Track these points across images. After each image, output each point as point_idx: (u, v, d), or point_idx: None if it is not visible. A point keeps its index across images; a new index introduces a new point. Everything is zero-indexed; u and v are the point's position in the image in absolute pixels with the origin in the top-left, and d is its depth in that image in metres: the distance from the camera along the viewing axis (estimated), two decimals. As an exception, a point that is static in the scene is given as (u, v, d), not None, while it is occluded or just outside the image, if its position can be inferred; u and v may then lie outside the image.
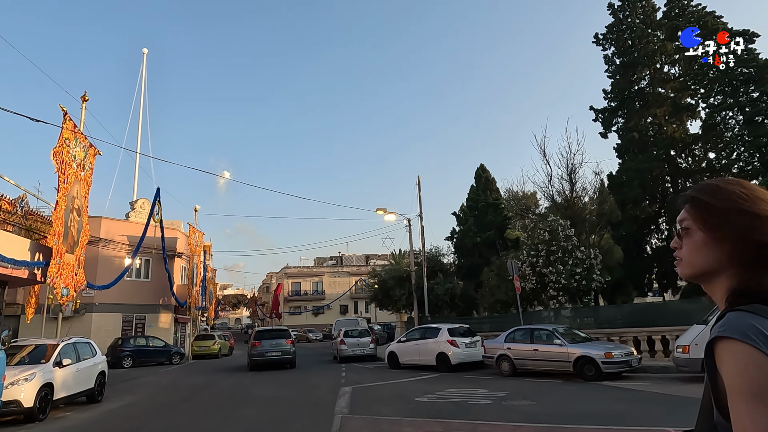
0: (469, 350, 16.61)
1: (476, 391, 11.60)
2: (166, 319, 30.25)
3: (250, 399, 12.21)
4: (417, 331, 18.56)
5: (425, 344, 17.33)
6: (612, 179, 21.85)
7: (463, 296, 23.69)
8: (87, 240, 17.70)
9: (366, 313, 68.90)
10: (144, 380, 17.93)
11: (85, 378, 11.87)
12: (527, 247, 20.38)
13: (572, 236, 19.57)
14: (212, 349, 29.55)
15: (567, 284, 18.54)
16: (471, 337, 17.08)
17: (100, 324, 26.91)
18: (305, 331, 57.50)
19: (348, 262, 74.70)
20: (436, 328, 17.37)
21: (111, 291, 27.70)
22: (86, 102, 15.41)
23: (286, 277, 71.00)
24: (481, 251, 25.66)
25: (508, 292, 20.32)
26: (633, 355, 12.96)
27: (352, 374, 17.11)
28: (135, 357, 24.39)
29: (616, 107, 23.42)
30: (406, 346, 18.16)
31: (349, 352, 22.28)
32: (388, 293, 25.51)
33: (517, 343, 14.56)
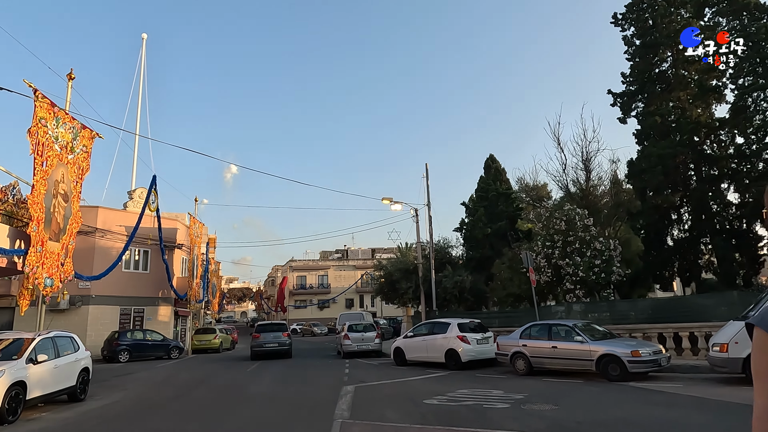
0: (480, 347, 15.56)
1: (491, 393, 10.55)
2: (166, 312, 29.41)
3: (244, 398, 11.25)
4: (425, 326, 17.53)
5: (433, 340, 16.31)
6: (632, 166, 20.62)
7: (472, 290, 22.63)
8: (78, 228, 16.76)
9: (372, 307, 68.04)
10: (137, 375, 17.06)
11: (65, 375, 10.95)
12: (542, 237, 19.25)
13: (591, 226, 18.42)
14: (213, 344, 28.71)
15: (585, 277, 17.41)
16: (482, 332, 16.02)
17: (96, 317, 26.10)
18: (310, 324, 56.75)
19: (354, 256, 73.83)
20: (446, 323, 16.33)
21: (108, 283, 26.89)
22: (72, 80, 14.39)
23: (291, 271, 70.26)
24: (491, 243, 24.54)
25: (521, 285, 19.23)
26: (661, 354, 11.85)
27: (355, 371, 16.13)
28: (132, 351, 23.58)
29: (636, 91, 22.15)
30: (413, 341, 17.14)
31: (354, 347, 21.31)
32: (394, 286, 24.47)
33: (533, 340, 13.49)
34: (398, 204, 23.61)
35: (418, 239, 23.80)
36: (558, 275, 18.48)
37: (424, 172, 23.44)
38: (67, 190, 15.03)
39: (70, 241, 16.01)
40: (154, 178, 22.16)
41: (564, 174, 25.77)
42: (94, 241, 26.54)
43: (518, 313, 19.49)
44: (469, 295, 22.64)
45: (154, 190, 22.12)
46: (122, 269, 27.69)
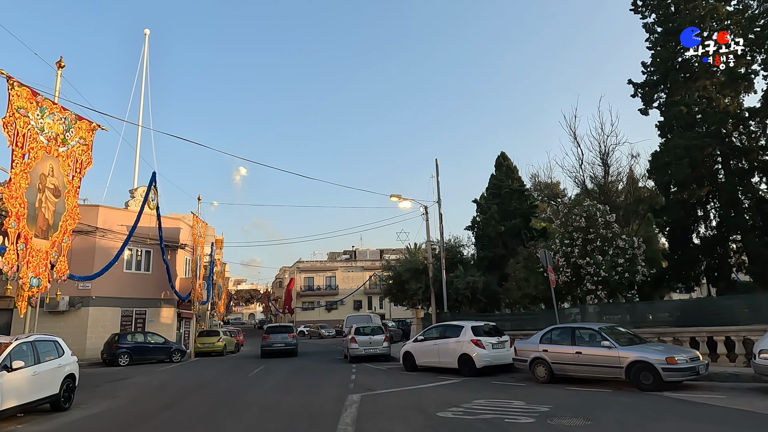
0: (496, 352, 14.51)
1: (511, 404, 9.51)
2: (169, 314, 28.62)
3: (241, 407, 10.31)
4: (436, 329, 16.51)
5: (445, 344, 15.28)
6: (655, 159, 19.44)
7: (485, 291, 21.57)
8: (74, 225, 15.96)
9: (380, 309, 67.02)
10: (134, 381, 16.20)
11: (47, 382, 10.07)
12: (560, 235, 18.15)
13: (613, 222, 17.29)
14: (216, 346, 27.87)
15: (607, 277, 16.28)
16: (498, 336, 14.97)
17: (97, 319, 25.36)
18: (317, 327, 55.87)
19: (362, 257, 72.90)
20: (459, 326, 15.29)
21: (109, 284, 26.18)
22: (62, 68, 13.58)
23: (298, 272, 69.48)
24: (505, 241, 23.46)
25: (538, 285, 18.16)
26: (699, 360, 10.72)
27: (362, 377, 15.15)
28: (132, 354, 22.78)
29: (658, 80, 20.95)
30: (423, 345, 16.13)
31: (361, 351, 20.33)
32: (403, 287, 23.45)
33: (555, 345, 12.42)
34: (407, 201, 22.62)
35: (428, 238, 22.79)
36: (577, 275, 17.37)
37: (434, 170, 22.43)
38: (59, 185, 14.24)
39: (63, 239, 15.22)
40: (154, 175, 21.38)
41: (581, 169, 24.68)
42: (95, 241, 25.83)
43: (535, 315, 18.41)
44: (482, 296, 21.58)
45: (153, 187, 21.31)
46: (123, 270, 27.00)
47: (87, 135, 15.35)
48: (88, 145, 15.39)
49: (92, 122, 15.41)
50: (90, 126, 15.36)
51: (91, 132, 15.48)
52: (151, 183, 21.14)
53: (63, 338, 24.85)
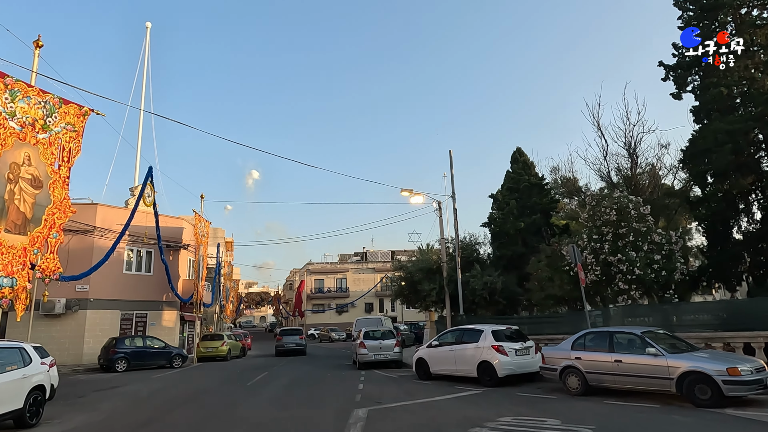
0: (520, 359, 12.97)
1: (545, 423, 8.02)
2: (171, 317, 27.46)
3: (229, 424, 8.94)
4: (452, 333, 15.00)
5: (463, 350, 13.78)
6: (692, 145, 17.75)
7: (504, 292, 20.00)
8: (64, 220, 14.78)
9: (392, 312, 65.48)
10: (124, 389, 14.93)
11: (8, 396, 8.78)
12: (587, 230, 16.55)
13: (647, 215, 15.67)
14: (220, 351, 26.61)
15: (642, 275, 14.65)
16: (522, 342, 13.42)
17: (95, 322, 24.24)
18: (328, 330, 54.54)
19: (373, 258, 71.49)
20: (477, 331, 13.78)
21: (108, 286, 25.08)
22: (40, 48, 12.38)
23: (308, 274, 68.27)
24: (525, 239, 21.87)
25: (563, 285, 16.56)
26: (765, 371, 9.12)
27: (371, 386, 13.70)
28: (130, 359, 21.60)
29: (692, 62, 19.27)
30: (438, 351, 14.64)
31: (370, 357, 18.88)
32: (416, 288, 21.95)
33: (589, 352, 10.86)
34: (419, 196, 21.14)
35: (442, 235, 21.31)
36: (607, 273, 15.76)
37: (448, 166, 20.97)
38: (39, 175, 13.04)
39: (50, 234, 14.02)
40: (150, 169, 20.20)
41: (605, 161, 23.05)
42: (93, 240, 24.74)
43: (560, 318, 16.82)
44: (501, 297, 20.01)
45: (150, 183, 20.13)
46: (123, 271, 25.91)
47: (76, 120, 14.16)
48: (78, 132, 14.19)
49: (82, 107, 14.22)
50: (80, 111, 14.17)
51: (81, 117, 14.29)
52: (147, 178, 19.97)
53: (59, 343, 23.89)
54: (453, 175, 20.89)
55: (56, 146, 13.32)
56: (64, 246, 24.92)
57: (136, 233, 26.42)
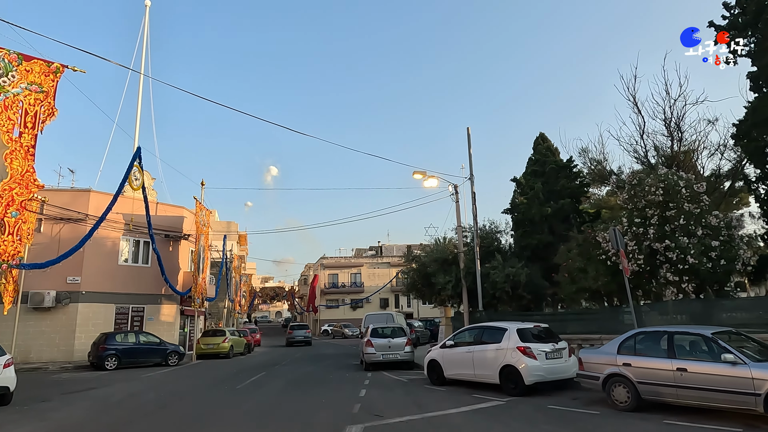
0: (551, 363, 10.86)
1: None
2: (170, 312, 25.90)
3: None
4: (469, 332, 12.91)
5: (482, 352, 11.71)
6: (748, 118, 15.32)
7: (528, 285, 17.82)
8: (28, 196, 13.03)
9: (408, 307, 63.51)
10: (98, 392, 13.23)
11: None
12: (627, 212, 14.28)
13: (702, 194, 13.34)
14: (221, 348, 24.96)
15: (697, 265, 12.34)
16: (553, 342, 11.29)
17: (87, 316, 22.78)
18: (341, 326, 52.84)
19: (388, 253, 69.45)
20: (500, 329, 11.68)
21: (101, 278, 23.60)
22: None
23: (322, 269, 66.61)
24: (552, 226, 19.60)
25: (599, 277, 14.33)
26: None
27: (375, 393, 11.74)
28: (121, 357, 20.04)
29: (748, 22, 16.76)
30: (454, 353, 12.58)
31: (378, 357, 16.93)
32: (429, 281, 19.83)
33: (642, 357, 8.70)
34: (433, 179, 19.05)
35: (459, 222, 19.16)
36: (652, 263, 13.48)
37: (466, 137, 18.78)
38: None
39: (7, 213, 12.31)
40: (138, 150, 18.49)
41: (642, 140, 20.63)
42: (85, 229, 23.23)
43: (593, 314, 14.59)
44: (524, 291, 17.82)
45: (137, 165, 18.42)
46: (118, 262, 24.42)
47: (43, 80, 12.45)
48: (48, 93, 12.47)
49: (51, 63, 12.50)
50: (48, 68, 12.45)
51: (51, 75, 12.56)
52: (134, 159, 18.27)
53: (49, 338, 22.32)
54: (471, 155, 18.76)
55: (15, 109, 11.63)
56: (54, 235, 23.65)
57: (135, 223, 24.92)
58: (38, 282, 21.90)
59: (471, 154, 18.74)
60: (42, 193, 22.41)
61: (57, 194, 23.05)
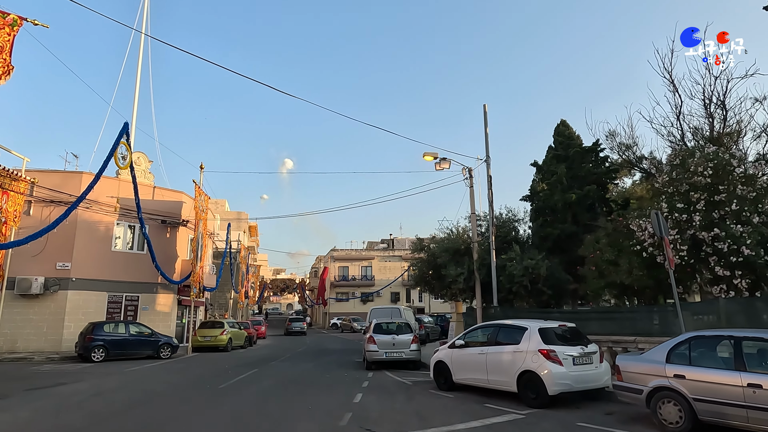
0: (580, 370, 9.14)
1: None
2: (166, 301, 24.66)
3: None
4: (483, 330, 11.22)
5: (498, 354, 10.04)
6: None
7: (549, 279, 16.06)
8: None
9: (419, 302, 61.94)
10: (66, 389, 11.89)
11: None
12: (667, 197, 12.43)
13: (757, 176, 11.46)
14: (219, 340, 23.63)
15: (753, 257, 10.49)
16: (581, 345, 9.57)
17: (77, 304, 21.60)
18: (350, 319, 51.43)
19: (400, 246, 67.84)
20: (519, 328, 9.99)
21: (93, 264, 22.38)
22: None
23: (332, 261, 65.33)
24: (575, 215, 17.76)
25: (633, 271, 12.52)
26: None
27: (371, 399, 10.16)
28: (109, 348, 18.80)
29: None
30: (464, 354, 10.93)
31: (381, 355, 15.36)
32: (440, 273, 18.15)
33: (700, 368, 6.96)
34: (445, 161, 17.34)
35: (473, 208, 17.42)
36: (695, 255, 11.64)
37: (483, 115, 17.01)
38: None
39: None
40: (126, 126, 17.07)
41: (678, 122, 18.58)
42: (77, 213, 22.01)
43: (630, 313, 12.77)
44: (545, 286, 16.05)
45: (125, 142, 17.02)
46: (112, 248, 23.20)
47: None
48: (2, 47, 11.07)
49: (7, 14, 11.11)
50: (3, 20, 11.04)
51: (6, 29, 11.16)
52: (121, 136, 16.85)
53: (37, 327, 20.97)
54: (487, 134, 16.96)
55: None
56: (44, 219, 22.45)
57: (127, 206, 23.66)
58: (26, 267, 20.76)
59: (487, 133, 16.99)
60: (32, 174, 21.30)
61: (47, 176, 21.83)
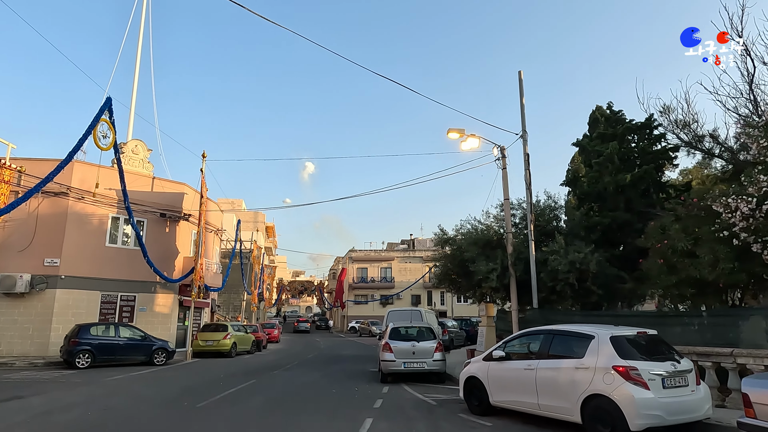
0: (672, 395, 6.55)
1: None
2: (166, 302, 22.67)
3: None
4: (529, 339, 8.63)
5: (552, 370, 7.50)
6: None
7: (598, 276, 13.40)
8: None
9: (441, 305, 59.22)
10: (14, 405, 9.79)
11: None
12: (764, 167, 9.71)
13: None
14: (222, 345, 21.50)
15: None
16: (671, 360, 6.97)
17: (66, 304, 19.71)
18: (368, 323, 48.97)
19: (421, 246, 65.20)
20: (582, 336, 7.43)
21: (85, 260, 20.44)
22: None
23: (351, 262, 63.10)
24: (628, 201, 15.03)
25: (719, 263, 9.81)
26: None
27: (383, 428, 7.74)
28: (96, 354, 16.82)
29: None
30: (505, 369, 8.40)
31: (398, 366, 12.91)
32: (467, 269, 15.55)
33: None
34: (473, 139, 14.82)
35: (506, 194, 14.84)
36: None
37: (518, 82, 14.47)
38: None
39: None
40: (109, 101, 15.04)
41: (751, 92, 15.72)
42: (67, 204, 20.23)
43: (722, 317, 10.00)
44: (594, 284, 13.38)
45: (106, 119, 14.98)
46: (106, 243, 21.28)
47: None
48: None
49: None
50: None
51: None
52: (102, 111, 14.82)
53: (22, 328, 18.50)
54: (523, 105, 14.38)
55: None
56: (32, 211, 20.70)
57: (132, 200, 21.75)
58: (10, 263, 19.01)
59: (523, 104, 14.41)
60: (18, 163, 19.56)
61: (36, 164, 19.98)
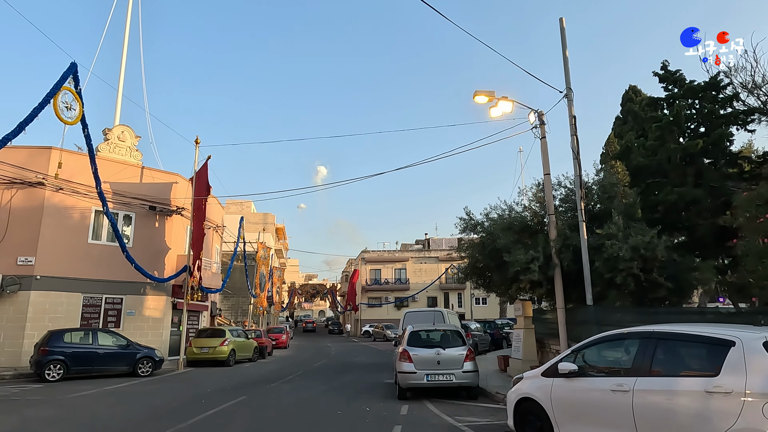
0: None
1: None
2: (157, 305, 20.45)
3: None
4: (617, 345, 5.96)
5: (662, 394, 4.84)
6: None
7: (666, 265, 10.74)
8: None
9: (459, 308, 56.44)
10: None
11: None
12: None
13: None
14: (218, 353, 19.15)
15: None
16: None
17: (42, 308, 17.56)
18: (382, 327, 46.42)
19: (436, 246, 62.56)
20: (713, 342, 4.79)
21: (64, 259, 18.18)
22: None
23: (363, 263, 60.68)
24: (699, 173, 12.30)
25: None
26: None
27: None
28: (69, 364, 14.61)
29: None
30: (579, 388, 5.76)
31: (420, 378, 10.36)
32: (500, 260, 12.75)
33: None
34: (506, 102, 12.27)
35: (547, 168, 12.22)
36: None
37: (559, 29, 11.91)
38: None
39: None
40: (73, 67, 12.79)
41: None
42: (44, 195, 18.10)
43: None
44: (661, 275, 10.70)
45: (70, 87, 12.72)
46: (88, 240, 19.10)
47: None
48: None
49: None
50: None
51: None
52: (65, 78, 12.54)
53: None
54: (567, 58, 11.78)
55: None
56: (5, 204, 18.59)
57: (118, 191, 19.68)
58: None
59: (567, 57, 11.81)
60: (-10, 150, 17.50)
61: (11, 152, 17.84)
